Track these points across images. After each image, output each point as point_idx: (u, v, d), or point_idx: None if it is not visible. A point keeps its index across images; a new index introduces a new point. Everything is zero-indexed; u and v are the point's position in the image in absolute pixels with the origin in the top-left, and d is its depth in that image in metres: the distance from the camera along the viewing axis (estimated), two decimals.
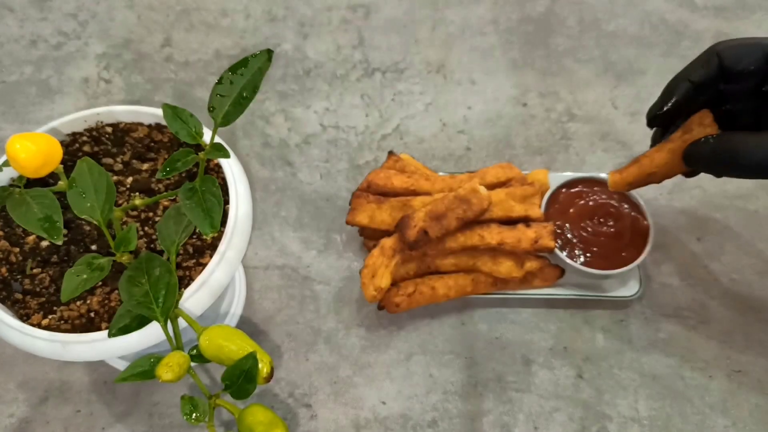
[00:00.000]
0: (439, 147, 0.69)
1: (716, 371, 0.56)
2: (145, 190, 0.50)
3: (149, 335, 0.42)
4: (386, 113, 0.72)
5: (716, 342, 0.58)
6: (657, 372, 0.56)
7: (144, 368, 0.39)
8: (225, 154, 0.40)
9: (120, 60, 0.76)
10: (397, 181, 0.59)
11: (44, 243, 0.47)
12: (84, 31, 0.78)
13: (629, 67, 0.74)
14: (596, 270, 0.56)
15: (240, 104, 0.38)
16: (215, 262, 0.45)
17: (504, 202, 0.57)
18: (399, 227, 0.55)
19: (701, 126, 0.47)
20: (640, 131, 0.51)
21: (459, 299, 0.58)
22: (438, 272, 0.58)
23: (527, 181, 0.60)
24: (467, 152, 0.69)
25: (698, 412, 0.55)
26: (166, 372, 0.37)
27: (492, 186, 0.60)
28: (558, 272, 0.58)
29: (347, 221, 0.58)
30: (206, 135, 0.40)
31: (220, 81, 0.39)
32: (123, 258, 0.41)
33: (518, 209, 0.57)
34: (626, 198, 0.59)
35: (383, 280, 0.55)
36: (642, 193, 0.58)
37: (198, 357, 0.41)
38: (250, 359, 0.39)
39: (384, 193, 0.59)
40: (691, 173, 0.50)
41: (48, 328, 0.43)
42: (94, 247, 0.47)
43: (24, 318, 0.44)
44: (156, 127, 0.53)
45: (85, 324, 0.44)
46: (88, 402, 0.56)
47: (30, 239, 0.47)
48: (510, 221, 0.57)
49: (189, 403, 0.40)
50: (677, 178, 0.51)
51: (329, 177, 0.67)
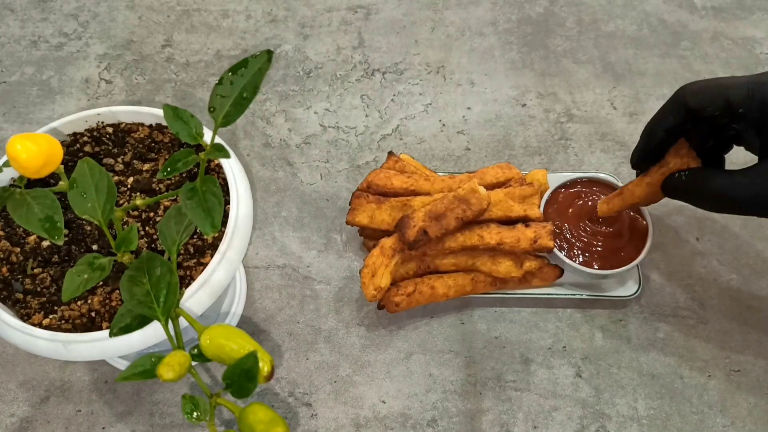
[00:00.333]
0: (439, 147, 0.69)
1: (715, 371, 0.57)
2: (146, 191, 0.50)
3: (150, 335, 0.42)
4: (386, 114, 0.72)
5: (715, 341, 0.58)
6: (656, 371, 0.57)
7: (145, 367, 0.39)
8: (225, 155, 0.40)
9: (121, 60, 0.76)
10: (397, 182, 0.59)
11: (45, 243, 0.47)
12: (85, 32, 0.78)
13: (628, 68, 0.74)
14: (595, 270, 0.56)
15: (240, 105, 0.38)
16: (216, 262, 0.45)
17: (503, 202, 0.57)
18: (399, 227, 0.55)
19: (677, 156, 0.49)
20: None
21: (458, 299, 0.59)
22: (437, 272, 0.58)
23: (526, 182, 0.60)
24: (466, 152, 0.69)
25: (697, 412, 0.55)
26: (167, 371, 0.37)
27: (491, 186, 0.60)
28: (557, 272, 0.58)
29: (347, 221, 0.59)
30: (207, 135, 0.41)
31: (221, 81, 0.39)
32: (124, 258, 0.41)
33: (517, 209, 0.58)
34: None
35: (383, 280, 0.55)
36: None
37: (199, 356, 0.41)
38: (251, 358, 0.39)
39: (384, 193, 0.59)
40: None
41: (49, 328, 0.43)
42: (95, 247, 0.47)
43: (25, 318, 0.45)
44: (157, 128, 0.53)
45: (86, 324, 0.44)
46: (89, 401, 0.56)
47: (31, 239, 0.48)
48: (509, 221, 0.57)
49: (190, 402, 0.40)
50: None
51: (329, 177, 0.68)
